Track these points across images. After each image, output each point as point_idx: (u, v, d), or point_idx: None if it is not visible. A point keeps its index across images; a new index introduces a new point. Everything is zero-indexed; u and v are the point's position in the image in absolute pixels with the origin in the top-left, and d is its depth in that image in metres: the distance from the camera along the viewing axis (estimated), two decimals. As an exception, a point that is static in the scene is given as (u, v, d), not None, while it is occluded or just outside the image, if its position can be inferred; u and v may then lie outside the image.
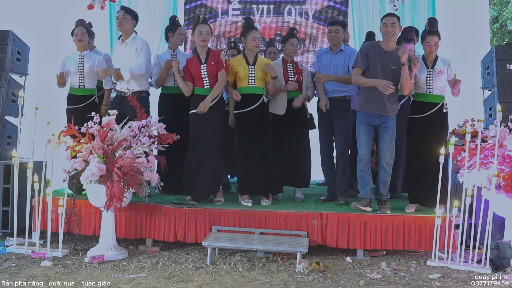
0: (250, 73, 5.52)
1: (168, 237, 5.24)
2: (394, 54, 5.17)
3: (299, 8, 8.34)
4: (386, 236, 5.03)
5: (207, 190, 5.54)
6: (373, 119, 5.20)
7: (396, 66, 5.14)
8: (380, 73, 5.14)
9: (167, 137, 5.19)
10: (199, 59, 5.52)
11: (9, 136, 6.09)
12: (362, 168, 5.22)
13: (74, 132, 4.99)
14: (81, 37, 5.90)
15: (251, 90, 5.54)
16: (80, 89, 5.90)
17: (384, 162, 5.20)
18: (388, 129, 5.19)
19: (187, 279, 4.31)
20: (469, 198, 4.75)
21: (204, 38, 5.49)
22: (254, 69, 5.52)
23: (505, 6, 12.93)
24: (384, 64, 5.16)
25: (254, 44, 5.52)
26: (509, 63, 6.13)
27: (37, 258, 4.81)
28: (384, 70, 5.15)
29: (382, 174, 5.24)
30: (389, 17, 5.18)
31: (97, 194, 4.87)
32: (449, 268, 4.71)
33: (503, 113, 4.95)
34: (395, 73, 5.16)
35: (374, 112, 5.18)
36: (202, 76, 5.47)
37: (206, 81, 5.48)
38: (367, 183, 5.22)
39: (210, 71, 5.46)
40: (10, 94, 6.12)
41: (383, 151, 5.21)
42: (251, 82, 5.52)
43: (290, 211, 5.20)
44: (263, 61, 5.57)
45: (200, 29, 5.48)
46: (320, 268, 4.59)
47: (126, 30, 5.63)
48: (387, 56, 5.17)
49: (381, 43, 5.23)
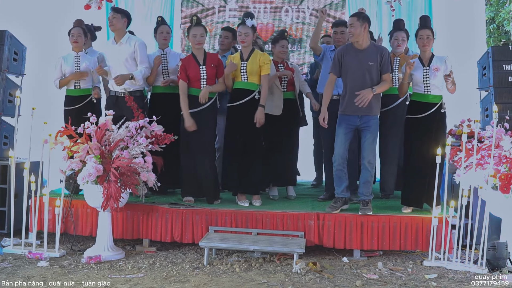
0: (242, 68, 5.51)
1: (165, 237, 5.24)
2: (368, 51, 5.16)
3: (296, 8, 8.35)
4: (383, 237, 5.04)
5: (213, 192, 5.57)
6: (355, 120, 5.16)
7: (373, 62, 5.14)
8: (359, 71, 5.12)
9: (164, 138, 5.18)
10: (196, 61, 5.52)
11: (6, 137, 6.09)
12: (338, 168, 5.18)
13: (70, 133, 4.99)
14: (77, 38, 5.91)
15: (243, 85, 5.52)
16: (76, 90, 5.90)
17: (367, 161, 5.15)
18: (371, 129, 5.16)
19: (184, 279, 4.31)
20: (465, 199, 4.76)
21: (199, 41, 5.49)
22: (246, 64, 5.50)
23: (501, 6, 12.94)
24: (361, 62, 5.13)
25: (240, 39, 5.53)
26: (505, 64, 6.15)
27: (34, 258, 4.80)
28: (362, 68, 5.12)
29: (364, 174, 5.19)
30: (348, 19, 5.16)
31: (94, 194, 4.87)
32: (446, 269, 4.71)
33: (500, 113, 4.95)
34: (373, 69, 5.15)
35: (356, 114, 5.15)
36: (200, 77, 5.47)
37: (204, 82, 5.47)
38: (343, 182, 5.19)
39: (210, 73, 5.47)
40: (7, 95, 6.11)
41: (365, 150, 5.17)
42: (243, 78, 5.51)
43: (287, 212, 5.20)
44: (257, 56, 5.51)
45: (194, 32, 5.48)
46: (317, 268, 4.60)
47: (119, 29, 5.60)
48: (362, 54, 5.16)
49: (354, 43, 5.21)
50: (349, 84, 5.18)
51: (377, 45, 5.35)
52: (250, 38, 5.49)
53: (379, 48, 5.25)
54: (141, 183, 4.92)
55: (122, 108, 5.53)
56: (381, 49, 5.25)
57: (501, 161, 4.73)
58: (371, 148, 5.16)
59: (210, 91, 5.45)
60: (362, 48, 5.17)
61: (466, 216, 5.04)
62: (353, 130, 5.22)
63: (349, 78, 5.18)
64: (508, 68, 6.13)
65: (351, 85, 5.15)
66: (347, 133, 5.18)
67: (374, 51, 5.18)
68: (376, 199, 5.98)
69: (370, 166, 5.16)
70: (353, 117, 5.15)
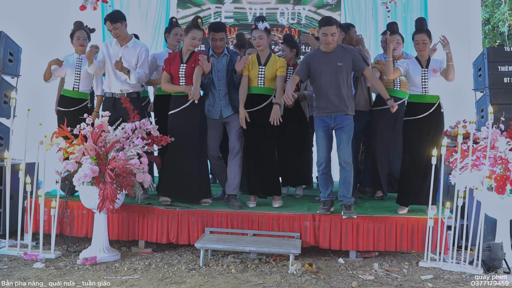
0: (260, 73, 5.49)
1: (161, 238, 5.23)
2: (337, 53, 5.18)
3: (292, 10, 8.35)
4: (379, 238, 5.05)
5: (197, 193, 5.51)
6: (329, 121, 5.17)
7: (343, 62, 5.14)
8: (328, 73, 5.13)
9: (161, 139, 5.17)
10: (181, 58, 5.51)
11: (1, 138, 6.06)
12: (324, 171, 5.18)
13: (66, 134, 4.98)
14: (83, 41, 5.93)
15: (259, 90, 5.50)
16: (74, 92, 5.89)
17: (343, 161, 5.13)
18: (345, 129, 5.15)
19: (180, 280, 4.31)
20: (461, 200, 4.77)
21: (195, 44, 5.47)
22: (264, 69, 5.49)
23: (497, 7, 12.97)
24: (330, 64, 5.15)
25: (255, 43, 5.51)
26: (500, 65, 6.16)
27: (30, 260, 4.79)
28: (332, 69, 5.13)
29: (343, 175, 5.16)
30: (328, 26, 5.10)
31: (89, 195, 4.86)
32: (441, 269, 4.72)
33: (495, 114, 4.98)
34: (343, 69, 5.16)
35: (327, 114, 5.16)
36: (179, 75, 5.45)
37: (183, 81, 5.45)
38: (329, 185, 5.20)
39: (188, 72, 5.42)
40: (2, 95, 6.09)
41: (341, 150, 5.15)
42: (260, 83, 5.49)
43: (283, 213, 5.21)
44: (275, 61, 5.51)
45: (194, 35, 5.43)
46: (312, 269, 4.60)
47: (125, 35, 5.61)
48: (330, 56, 5.17)
49: (321, 48, 5.23)
50: (321, 87, 5.18)
51: (344, 46, 5.34)
52: (264, 41, 5.46)
53: (347, 49, 5.27)
54: (137, 184, 4.91)
55: (119, 110, 5.50)
56: (349, 48, 5.29)
57: (496, 162, 4.75)
58: (346, 148, 5.15)
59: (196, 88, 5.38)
60: (330, 51, 5.19)
61: (462, 217, 5.06)
62: (330, 131, 5.23)
63: (321, 81, 5.18)
64: (504, 69, 6.15)
65: (323, 87, 5.16)
66: (326, 136, 5.20)
67: (342, 52, 5.20)
68: (372, 200, 6.01)
69: (347, 166, 5.14)
70: (327, 118, 5.17)
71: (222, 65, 5.67)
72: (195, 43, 5.47)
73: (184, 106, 5.41)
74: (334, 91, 5.12)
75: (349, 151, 5.18)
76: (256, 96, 5.51)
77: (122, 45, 5.61)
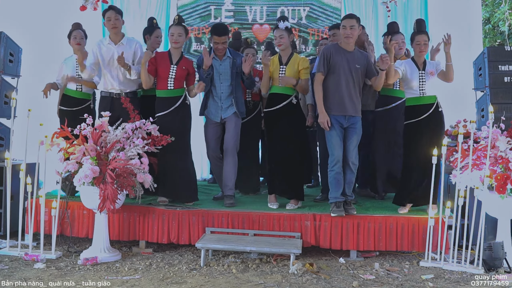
0: (280, 73, 5.47)
1: (162, 238, 5.24)
2: (355, 54, 5.18)
3: (292, 9, 8.34)
4: (379, 237, 5.05)
5: (191, 193, 5.56)
6: (342, 121, 5.14)
7: (360, 65, 5.15)
8: (346, 72, 5.11)
9: (161, 139, 5.17)
10: (170, 59, 5.51)
11: (2, 138, 6.07)
12: (338, 171, 5.12)
13: (67, 134, 4.98)
14: (80, 40, 5.91)
15: (280, 90, 5.48)
16: (77, 92, 5.90)
17: (351, 162, 5.14)
18: (357, 130, 5.16)
19: (181, 280, 4.31)
20: (461, 199, 4.77)
21: (175, 40, 5.47)
22: (285, 69, 5.48)
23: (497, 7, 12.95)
24: (349, 63, 5.13)
25: (276, 43, 5.52)
26: (501, 64, 6.15)
27: (30, 260, 4.79)
28: (349, 69, 5.12)
29: (349, 175, 5.17)
30: (348, 19, 5.14)
31: (90, 196, 4.86)
32: (442, 269, 4.72)
33: (495, 114, 4.97)
34: (359, 72, 5.16)
35: (343, 114, 5.12)
36: (169, 76, 5.45)
37: (171, 82, 5.46)
38: (341, 186, 5.14)
39: (179, 75, 5.46)
40: (3, 96, 6.09)
41: (350, 152, 5.14)
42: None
43: (283, 213, 5.21)
44: (297, 61, 5.48)
45: (172, 31, 5.47)
46: (313, 269, 4.60)
47: (120, 31, 5.62)
48: (350, 56, 5.15)
49: (342, 44, 5.20)
50: (337, 85, 5.13)
51: (360, 50, 5.35)
52: (285, 40, 5.44)
53: (363, 53, 5.30)
54: (137, 185, 4.92)
55: (117, 109, 5.50)
56: (365, 54, 5.31)
57: (497, 162, 4.75)
58: (355, 150, 5.16)
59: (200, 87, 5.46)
60: (350, 50, 5.18)
61: (462, 217, 5.05)
62: (343, 130, 5.18)
63: (337, 77, 5.13)
64: (504, 69, 6.14)
65: (339, 85, 5.12)
66: (340, 135, 5.15)
67: (359, 55, 5.21)
68: (372, 200, 6.01)
69: (354, 167, 5.17)
70: (341, 118, 5.15)
71: (224, 67, 5.66)
72: (175, 39, 5.47)
73: (171, 109, 5.46)
74: (350, 91, 5.12)
75: (357, 152, 5.20)
76: (276, 96, 5.51)
77: (116, 43, 5.61)
